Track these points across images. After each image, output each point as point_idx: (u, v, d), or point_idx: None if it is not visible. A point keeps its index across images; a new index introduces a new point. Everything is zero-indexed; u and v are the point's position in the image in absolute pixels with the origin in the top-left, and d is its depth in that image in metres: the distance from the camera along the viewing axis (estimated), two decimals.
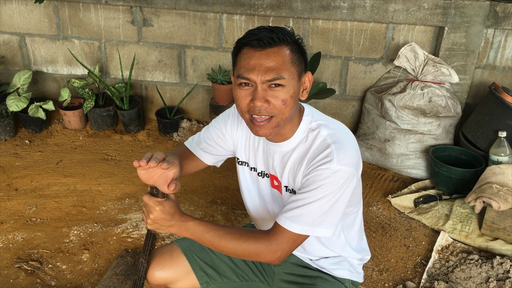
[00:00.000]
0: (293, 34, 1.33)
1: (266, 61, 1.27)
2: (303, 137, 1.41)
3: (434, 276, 2.25)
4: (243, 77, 1.29)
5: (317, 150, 1.36)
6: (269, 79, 1.27)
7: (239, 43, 1.32)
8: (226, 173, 2.98)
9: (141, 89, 3.50)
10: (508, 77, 3.23)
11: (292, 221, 1.32)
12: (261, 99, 1.28)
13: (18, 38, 3.35)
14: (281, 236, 1.33)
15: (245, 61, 1.29)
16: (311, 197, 1.32)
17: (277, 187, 1.52)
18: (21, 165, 2.98)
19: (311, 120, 1.42)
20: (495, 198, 2.38)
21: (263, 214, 1.63)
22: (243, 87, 1.30)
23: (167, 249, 1.62)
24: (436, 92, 2.97)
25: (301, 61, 1.34)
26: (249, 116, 1.33)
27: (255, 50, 1.27)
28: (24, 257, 2.27)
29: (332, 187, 1.31)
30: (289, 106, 1.31)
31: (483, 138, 2.88)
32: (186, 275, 1.59)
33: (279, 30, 1.30)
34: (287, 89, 1.29)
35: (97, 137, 3.32)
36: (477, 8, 2.94)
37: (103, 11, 3.21)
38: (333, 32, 3.15)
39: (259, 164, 1.54)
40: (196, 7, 3.08)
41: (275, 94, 1.29)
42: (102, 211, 2.61)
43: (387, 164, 3.08)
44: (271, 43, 1.27)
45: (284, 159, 1.45)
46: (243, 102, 1.32)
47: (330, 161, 1.31)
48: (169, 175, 1.29)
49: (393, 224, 2.62)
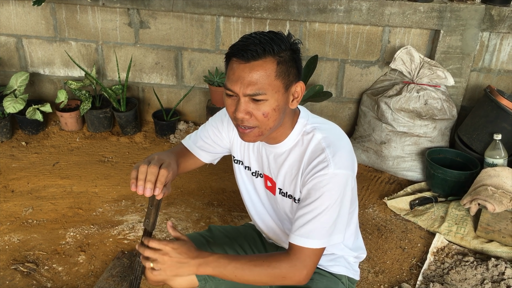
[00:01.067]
0: (288, 41, 1.30)
1: (248, 75, 1.25)
2: (297, 140, 1.42)
3: (429, 278, 2.26)
4: (227, 88, 1.30)
5: (312, 154, 1.37)
6: (250, 93, 1.26)
7: (229, 52, 1.30)
8: (223, 175, 2.99)
9: (138, 91, 3.50)
10: (503, 80, 3.25)
11: (307, 238, 1.33)
12: (242, 112, 1.29)
13: (15, 39, 3.35)
14: (302, 254, 1.34)
15: (230, 71, 1.29)
16: (317, 208, 1.32)
17: (270, 188, 1.53)
18: (17, 167, 2.97)
19: (306, 123, 1.42)
20: (490, 200, 2.40)
21: (261, 211, 1.64)
22: (229, 96, 1.32)
23: None
24: (432, 94, 2.98)
25: (289, 72, 1.30)
26: (235, 123, 1.35)
27: (240, 62, 1.26)
28: (20, 258, 2.26)
29: (335, 192, 1.32)
30: (271, 118, 1.31)
31: (479, 140, 2.89)
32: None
33: (270, 39, 1.27)
34: (269, 102, 1.28)
35: (93, 139, 3.32)
36: (473, 12, 2.96)
37: (100, 13, 3.22)
38: (330, 35, 3.16)
39: (253, 163, 1.55)
40: (193, 9, 3.09)
41: (257, 107, 1.29)
42: (98, 213, 2.61)
43: (383, 166, 3.09)
44: (254, 56, 1.24)
45: (279, 161, 1.46)
46: (229, 110, 1.34)
47: (327, 166, 1.32)
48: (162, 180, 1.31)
49: (389, 226, 2.63)
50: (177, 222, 2.56)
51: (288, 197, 1.48)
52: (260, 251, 1.71)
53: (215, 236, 1.70)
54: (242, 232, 1.75)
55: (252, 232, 1.76)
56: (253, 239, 1.74)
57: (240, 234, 1.74)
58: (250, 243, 1.71)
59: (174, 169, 1.39)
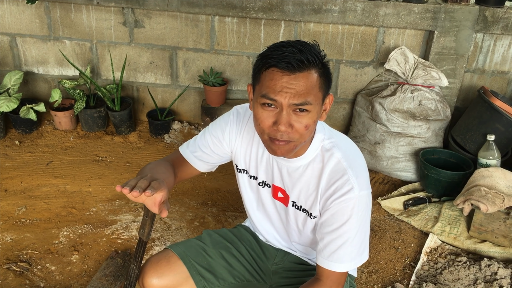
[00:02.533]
0: (320, 53, 1.27)
1: (295, 85, 1.21)
2: (315, 155, 1.40)
3: (422, 278, 2.27)
4: (269, 98, 1.24)
5: (333, 174, 1.36)
6: (297, 103, 1.22)
7: (264, 62, 1.25)
8: (217, 175, 2.99)
9: (133, 91, 3.50)
10: (497, 81, 3.27)
11: (341, 262, 1.35)
12: (285, 124, 1.24)
13: (9, 38, 3.33)
14: (336, 278, 1.37)
15: (271, 81, 1.23)
16: (347, 232, 1.34)
17: (282, 199, 1.52)
18: (10, 166, 2.96)
19: (323, 137, 1.40)
20: (483, 200, 2.41)
21: (262, 220, 1.64)
22: (267, 107, 1.26)
23: (163, 256, 1.60)
24: (426, 95, 2.99)
25: (326, 85, 1.29)
26: (268, 137, 1.30)
27: (283, 73, 1.21)
28: (13, 258, 2.26)
29: (361, 214, 1.34)
30: (310, 131, 1.29)
31: (472, 141, 2.91)
32: (185, 281, 1.58)
33: (308, 50, 1.23)
34: (311, 114, 1.26)
35: (87, 138, 3.31)
36: (467, 13, 2.97)
37: (94, 12, 3.21)
38: (325, 35, 3.16)
39: (260, 173, 1.53)
40: (188, 9, 3.09)
41: (299, 119, 1.25)
42: (92, 212, 2.60)
43: (377, 166, 3.10)
44: (300, 66, 1.21)
45: (294, 175, 1.44)
46: (265, 123, 1.27)
47: (352, 189, 1.32)
48: (157, 198, 1.25)
49: (383, 226, 2.64)
50: (171, 222, 2.56)
51: (302, 211, 1.47)
52: (257, 253, 1.71)
53: (211, 241, 1.68)
54: (238, 235, 1.74)
55: (247, 235, 1.75)
56: (248, 241, 1.73)
57: (236, 237, 1.72)
58: (247, 246, 1.71)
59: (170, 182, 1.38)
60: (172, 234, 2.47)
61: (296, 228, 1.55)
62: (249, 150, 1.52)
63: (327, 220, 1.37)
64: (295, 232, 1.57)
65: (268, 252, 1.72)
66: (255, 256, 1.70)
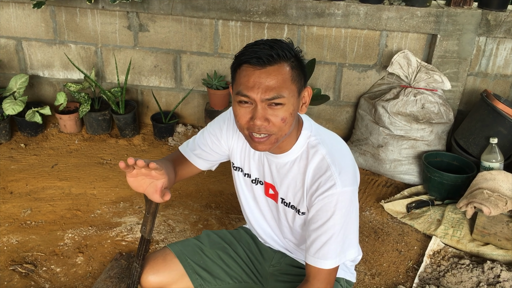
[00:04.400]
0: (293, 48, 1.30)
1: (266, 80, 1.24)
2: (301, 151, 1.42)
3: (425, 281, 2.27)
4: (242, 94, 1.27)
5: (317, 170, 1.37)
6: (268, 97, 1.25)
7: (238, 60, 1.29)
8: (221, 177, 3.00)
9: (137, 94, 3.52)
10: (500, 85, 3.27)
11: (326, 259, 1.36)
12: (261, 118, 1.27)
13: (15, 42, 3.36)
14: (322, 275, 1.38)
15: (244, 78, 1.26)
16: (331, 228, 1.35)
17: (273, 196, 1.54)
18: (16, 169, 2.98)
19: (310, 134, 1.42)
20: (486, 203, 2.41)
21: (259, 217, 1.65)
22: (243, 104, 1.29)
23: (160, 253, 1.63)
24: (428, 98, 3.00)
25: (301, 77, 1.31)
26: (248, 132, 1.32)
27: (255, 68, 1.25)
28: (19, 259, 2.27)
29: (345, 210, 1.34)
30: (288, 123, 1.30)
31: (475, 144, 2.91)
32: (180, 279, 1.60)
33: (278, 45, 1.27)
34: (286, 107, 1.28)
35: (92, 141, 3.34)
36: (469, 17, 2.98)
37: (99, 16, 3.24)
38: (328, 39, 3.18)
39: (253, 171, 1.55)
40: (192, 13, 3.11)
41: (274, 113, 1.27)
42: (96, 215, 2.62)
43: (380, 169, 3.11)
44: (270, 60, 1.24)
45: (282, 171, 1.46)
46: (242, 120, 1.30)
47: (334, 185, 1.33)
48: (158, 184, 1.28)
49: (386, 229, 2.64)
50: (175, 224, 2.57)
51: (291, 207, 1.49)
52: (255, 255, 1.72)
53: (208, 241, 1.70)
54: (237, 236, 1.75)
55: (247, 236, 1.76)
56: (247, 243, 1.74)
57: (234, 239, 1.74)
58: (245, 248, 1.72)
59: (171, 177, 1.40)
60: (176, 236, 2.48)
61: (287, 225, 1.56)
62: (244, 148, 1.55)
63: (312, 218, 1.38)
64: (286, 228, 1.58)
65: (266, 253, 1.73)
66: (253, 258, 1.71)
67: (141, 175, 1.28)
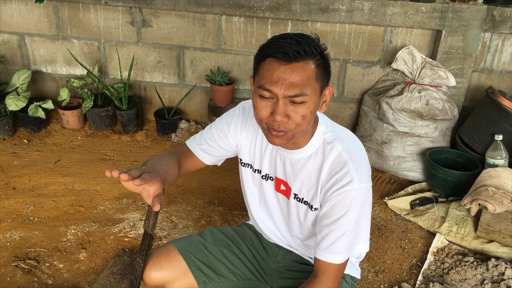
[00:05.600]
0: (319, 45, 1.29)
1: (290, 76, 1.22)
2: (317, 147, 1.41)
3: (429, 278, 2.26)
4: (265, 89, 1.25)
5: (334, 166, 1.37)
6: (291, 94, 1.24)
7: (263, 52, 1.27)
8: (224, 173, 2.99)
9: (140, 90, 3.51)
10: (505, 81, 3.25)
11: (337, 254, 1.36)
12: (281, 114, 1.26)
13: (18, 37, 3.36)
14: (330, 272, 1.38)
15: (268, 72, 1.25)
16: (346, 224, 1.35)
17: (284, 192, 1.53)
18: (19, 164, 2.98)
19: (325, 130, 1.41)
20: (491, 200, 2.40)
21: (263, 215, 1.64)
22: (264, 98, 1.28)
23: (164, 249, 1.62)
24: (433, 95, 2.98)
25: (324, 76, 1.30)
26: (266, 126, 1.31)
27: (280, 63, 1.23)
28: (21, 255, 2.27)
29: (360, 206, 1.35)
30: (307, 121, 1.30)
31: (480, 141, 2.89)
32: (183, 275, 1.59)
33: (306, 41, 1.25)
34: (308, 105, 1.27)
35: (95, 137, 3.33)
36: (475, 12, 2.96)
37: (102, 11, 3.23)
38: (332, 35, 3.16)
39: (264, 166, 1.54)
40: (195, 8, 3.10)
41: (295, 109, 1.26)
42: (99, 211, 2.62)
43: (384, 166, 3.09)
44: (296, 57, 1.22)
45: (296, 167, 1.45)
46: (262, 113, 1.29)
47: (351, 181, 1.33)
48: (151, 190, 1.27)
49: (389, 226, 2.63)
50: (177, 221, 2.57)
51: (304, 203, 1.48)
52: (259, 252, 1.71)
53: (212, 238, 1.69)
54: (240, 233, 1.75)
55: (250, 233, 1.76)
56: (251, 240, 1.73)
57: (238, 235, 1.73)
58: (248, 245, 1.71)
59: (171, 178, 1.42)
60: (179, 232, 2.48)
61: (297, 221, 1.55)
62: (253, 144, 1.54)
63: (326, 213, 1.38)
64: (296, 225, 1.57)
65: (270, 250, 1.72)
66: (257, 255, 1.71)
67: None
